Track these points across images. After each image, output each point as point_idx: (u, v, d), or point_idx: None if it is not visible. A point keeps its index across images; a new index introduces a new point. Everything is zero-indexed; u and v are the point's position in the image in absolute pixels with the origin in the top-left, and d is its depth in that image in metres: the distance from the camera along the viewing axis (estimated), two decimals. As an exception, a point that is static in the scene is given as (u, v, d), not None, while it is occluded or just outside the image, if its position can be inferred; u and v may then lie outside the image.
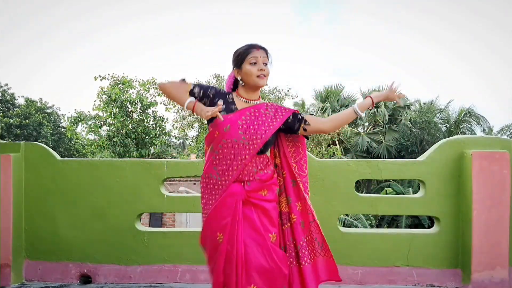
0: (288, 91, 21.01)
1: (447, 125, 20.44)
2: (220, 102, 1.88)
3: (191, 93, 1.98)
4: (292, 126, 2.02)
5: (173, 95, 1.99)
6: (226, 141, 1.90)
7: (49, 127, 24.44)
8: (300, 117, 2.03)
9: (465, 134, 19.29)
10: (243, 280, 1.79)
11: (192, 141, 23.86)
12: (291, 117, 2.01)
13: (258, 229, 1.87)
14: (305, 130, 2.03)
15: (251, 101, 2.01)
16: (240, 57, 1.99)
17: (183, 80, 2.02)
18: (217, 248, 1.86)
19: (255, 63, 1.95)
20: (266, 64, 1.98)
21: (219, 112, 1.85)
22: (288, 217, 2.06)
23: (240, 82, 2.03)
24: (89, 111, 15.67)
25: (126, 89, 15.29)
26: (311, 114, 2.36)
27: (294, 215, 2.04)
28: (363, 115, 2.03)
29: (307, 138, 2.15)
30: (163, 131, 16.24)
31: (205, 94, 1.98)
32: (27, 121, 23.06)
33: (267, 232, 1.90)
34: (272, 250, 1.87)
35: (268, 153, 2.07)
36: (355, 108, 2.03)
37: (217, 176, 1.92)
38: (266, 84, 2.05)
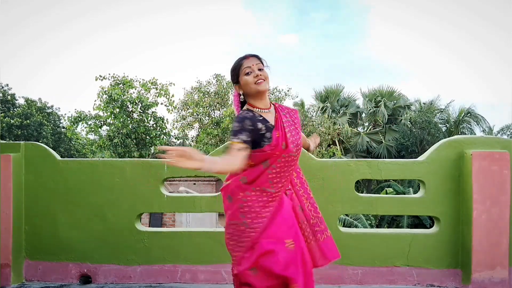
0: (288, 91, 21.01)
1: (447, 125, 20.44)
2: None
3: (247, 144, 1.89)
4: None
5: (225, 171, 1.90)
6: (285, 155, 1.94)
7: (49, 127, 24.45)
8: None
9: (465, 134, 19.29)
10: (309, 278, 1.92)
11: (192, 141, 23.87)
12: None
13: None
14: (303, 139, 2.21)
15: (269, 109, 2.01)
16: (235, 72, 2.00)
17: (238, 148, 1.88)
18: (289, 254, 1.87)
19: (250, 72, 1.96)
20: (262, 69, 1.98)
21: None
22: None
23: (242, 97, 2.04)
24: (89, 111, 15.68)
25: (127, 89, 15.30)
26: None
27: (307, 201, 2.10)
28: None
29: None
30: (163, 131, 16.25)
31: (249, 132, 1.89)
32: (27, 121, 23.07)
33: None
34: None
35: None
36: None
37: (271, 189, 1.93)
38: (269, 89, 2.04)
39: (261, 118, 1.95)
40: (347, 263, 3.18)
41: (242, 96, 2.04)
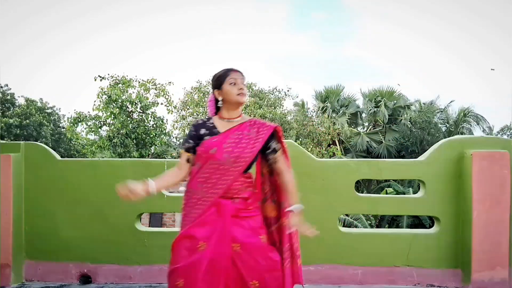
0: (288, 91, 21.01)
1: (447, 125, 20.43)
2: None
3: (188, 151, 2.09)
4: (266, 148, 2.10)
5: (173, 183, 2.16)
6: (213, 162, 2.00)
7: (49, 127, 24.45)
8: (275, 147, 2.11)
9: (465, 134, 19.30)
10: (235, 284, 1.92)
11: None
12: (271, 140, 2.10)
13: (249, 233, 2.00)
14: (274, 162, 2.12)
15: (233, 120, 2.12)
16: (220, 79, 2.12)
17: (179, 155, 2.15)
18: (193, 254, 1.94)
19: (234, 84, 2.09)
20: (244, 84, 2.12)
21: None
22: (276, 220, 2.16)
23: (220, 103, 2.14)
24: (89, 112, 15.67)
25: (126, 89, 15.29)
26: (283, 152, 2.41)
27: (285, 219, 2.12)
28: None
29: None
30: (163, 132, 16.25)
31: (194, 141, 2.08)
32: (27, 121, 23.07)
33: (257, 235, 2.02)
34: (266, 248, 2.01)
35: (252, 170, 2.15)
36: (295, 208, 2.10)
37: (201, 193, 2.02)
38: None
39: (211, 125, 2.11)
40: (347, 263, 3.18)
41: (220, 102, 2.14)
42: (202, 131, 2.08)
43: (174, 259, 2.01)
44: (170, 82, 16.83)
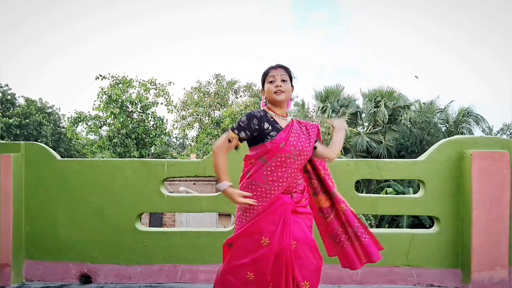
0: (288, 91, 20.96)
1: (447, 125, 20.43)
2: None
3: (241, 141, 2.08)
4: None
5: (217, 169, 2.08)
6: (281, 155, 2.03)
7: (49, 127, 24.44)
8: (317, 143, 2.24)
9: (464, 134, 19.29)
10: (290, 279, 1.97)
11: (192, 141, 23.88)
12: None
13: (306, 231, 2.07)
14: (315, 148, 2.22)
15: (285, 117, 2.17)
16: (263, 78, 2.19)
17: (226, 132, 2.09)
18: (258, 250, 1.99)
19: (273, 81, 2.12)
20: (285, 80, 2.13)
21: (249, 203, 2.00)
22: (332, 209, 2.26)
23: (265, 101, 2.22)
24: (89, 112, 15.68)
25: (127, 89, 15.30)
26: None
27: (342, 205, 2.25)
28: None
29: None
30: (163, 132, 16.25)
31: (252, 131, 2.07)
32: (27, 121, 23.07)
33: (311, 233, 2.10)
34: (316, 250, 2.08)
35: None
36: (344, 126, 2.31)
37: (266, 186, 2.04)
38: (291, 99, 2.22)
39: (272, 119, 2.12)
40: (347, 263, 3.17)
41: (265, 100, 2.22)
42: (266, 125, 2.08)
43: (238, 254, 2.05)
44: (170, 82, 16.83)
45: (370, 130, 21.54)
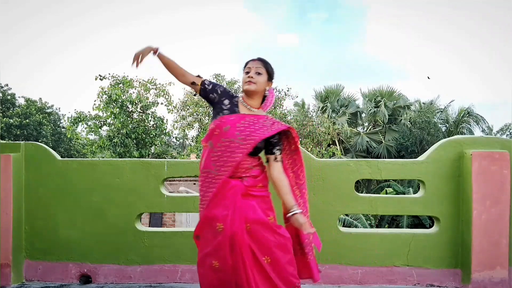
0: (288, 91, 21.01)
1: (447, 125, 20.43)
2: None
3: (202, 84, 2.22)
4: (269, 144, 2.17)
5: (172, 70, 2.25)
6: (225, 139, 2.07)
7: (49, 127, 24.44)
8: (278, 147, 2.18)
9: (464, 134, 19.28)
10: (246, 262, 1.98)
11: (192, 141, 23.87)
12: (277, 136, 2.16)
13: (258, 213, 2.07)
14: (275, 159, 2.18)
15: (252, 108, 2.19)
16: (243, 70, 2.24)
17: (198, 75, 2.26)
18: (217, 236, 2.02)
19: (247, 72, 2.17)
20: (260, 74, 2.16)
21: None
22: (287, 218, 2.21)
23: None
24: (89, 111, 15.68)
25: (127, 89, 15.30)
26: (278, 157, 2.50)
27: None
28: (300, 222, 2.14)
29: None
30: (163, 132, 16.25)
31: (214, 89, 2.21)
32: (27, 121, 23.06)
33: (266, 216, 2.09)
34: (274, 227, 2.09)
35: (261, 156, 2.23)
36: (296, 212, 2.12)
37: (215, 171, 2.08)
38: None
39: (235, 103, 2.19)
40: (347, 263, 3.18)
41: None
42: (226, 101, 2.18)
43: (203, 244, 2.10)
44: (170, 82, 16.83)
45: (370, 130, 21.55)
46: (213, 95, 2.21)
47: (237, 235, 1.99)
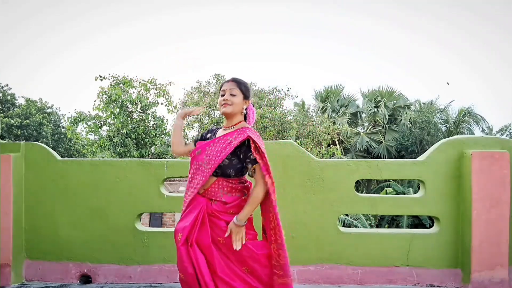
0: (288, 91, 21.01)
1: (447, 125, 20.43)
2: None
3: (194, 141, 2.34)
4: (243, 158, 2.10)
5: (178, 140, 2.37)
6: (197, 163, 2.17)
7: (49, 127, 24.45)
8: (252, 158, 2.07)
9: (464, 134, 19.29)
10: (204, 275, 2.03)
11: (192, 141, 23.85)
12: (243, 148, 2.08)
13: (225, 231, 2.07)
14: (253, 172, 2.13)
15: (228, 127, 2.21)
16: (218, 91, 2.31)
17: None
18: (178, 247, 2.10)
19: (223, 95, 2.21)
20: (235, 95, 2.16)
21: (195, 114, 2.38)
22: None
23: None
24: (89, 111, 15.68)
25: (127, 89, 15.30)
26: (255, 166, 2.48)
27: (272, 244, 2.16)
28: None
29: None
30: (163, 132, 16.25)
31: (202, 135, 2.33)
32: (27, 121, 23.07)
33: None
34: (247, 243, 2.09)
35: (243, 177, 2.20)
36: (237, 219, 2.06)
37: (188, 190, 2.19)
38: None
39: (215, 130, 2.30)
40: (347, 263, 3.18)
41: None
42: (208, 135, 2.28)
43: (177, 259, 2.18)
44: (170, 82, 16.83)
45: (370, 130, 21.54)
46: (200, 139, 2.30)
47: (192, 245, 2.05)
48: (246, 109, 2.23)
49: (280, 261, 2.09)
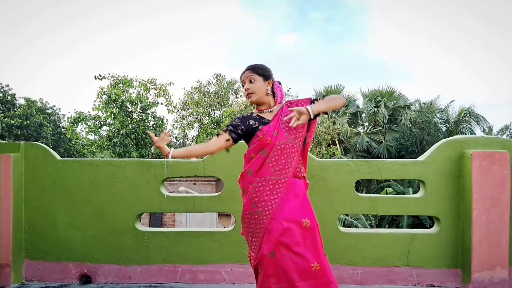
0: (288, 90, 21.01)
1: (447, 125, 20.41)
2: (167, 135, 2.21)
3: (230, 135, 2.20)
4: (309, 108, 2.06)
5: (196, 155, 2.31)
6: (279, 143, 2.09)
7: (49, 128, 24.46)
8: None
9: (465, 134, 19.27)
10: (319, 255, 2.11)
11: (192, 141, 23.86)
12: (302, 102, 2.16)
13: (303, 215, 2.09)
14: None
15: (272, 108, 2.23)
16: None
17: (218, 134, 2.23)
18: (303, 234, 2.05)
19: (243, 85, 2.23)
20: (254, 80, 2.18)
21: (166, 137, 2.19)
22: None
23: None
24: (89, 112, 15.68)
25: (126, 89, 15.30)
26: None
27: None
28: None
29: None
30: (163, 132, 16.25)
31: (238, 128, 2.20)
32: (27, 121, 23.08)
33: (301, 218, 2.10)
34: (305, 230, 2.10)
35: None
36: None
37: (275, 177, 2.09)
38: (255, 101, 2.23)
39: (257, 117, 2.21)
40: (347, 263, 3.18)
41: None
42: (251, 122, 2.19)
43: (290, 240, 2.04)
44: (170, 82, 16.83)
45: (370, 130, 21.53)
46: (242, 131, 2.20)
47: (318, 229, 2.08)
48: (273, 88, 2.24)
49: None
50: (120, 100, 14.80)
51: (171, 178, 3.50)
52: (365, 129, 22.17)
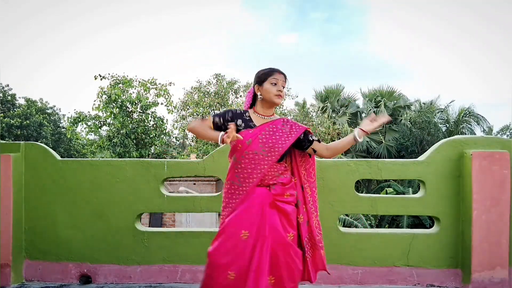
0: (288, 91, 21.00)
1: (447, 125, 20.40)
2: (232, 124, 2.10)
3: (214, 125, 2.21)
4: (302, 144, 2.27)
5: (202, 135, 2.23)
6: (248, 152, 2.13)
7: (49, 128, 24.47)
8: (311, 139, 2.27)
9: (465, 134, 19.27)
10: (259, 273, 2.00)
11: (192, 141, 23.87)
12: (302, 135, 2.24)
13: (279, 229, 2.10)
14: (314, 151, 2.29)
15: (267, 117, 2.26)
16: (263, 77, 2.24)
17: (203, 117, 2.28)
18: (239, 244, 2.05)
19: (275, 84, 2.21)
20: (284, 87, 2.25)
21: (234, 130, 2.07)
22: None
23: (259, 98, 2.26)
24: (89, 112, 15.68)
25: (126, 89, 15.30)
26: (318, 140, 2.59)
27: (301, 216, 2.28)
28: (361, 140, 2.28)
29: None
30: (163, 132, 16.24)
31: (225, 120, 2.21)
32: (27, 121, 23.08)
33: (286, 232, 2.12)
34: (290, 248, 2.10)
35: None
36: (355, 135, 2.22)
37: (239, 183, 2.16)
38: (282, 104, 2.29)
39: (248, 118, 2.24)
40: (347, 263, 3.18)
41: (260, 97, 2.25)
42: (239, 121, 2.21)
43: (218, 255, 2.08)
44: (170, 83, 16.82)
45: (370, 130, 21.48)
46: (226, 124, 2.20)
47: (263, 241, 2.03)
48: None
49: (320, 231, 2.33)
50: (120, 100, 14.80)
51: (171, 178, 3.50)
52: (365, 129, 22.13)
